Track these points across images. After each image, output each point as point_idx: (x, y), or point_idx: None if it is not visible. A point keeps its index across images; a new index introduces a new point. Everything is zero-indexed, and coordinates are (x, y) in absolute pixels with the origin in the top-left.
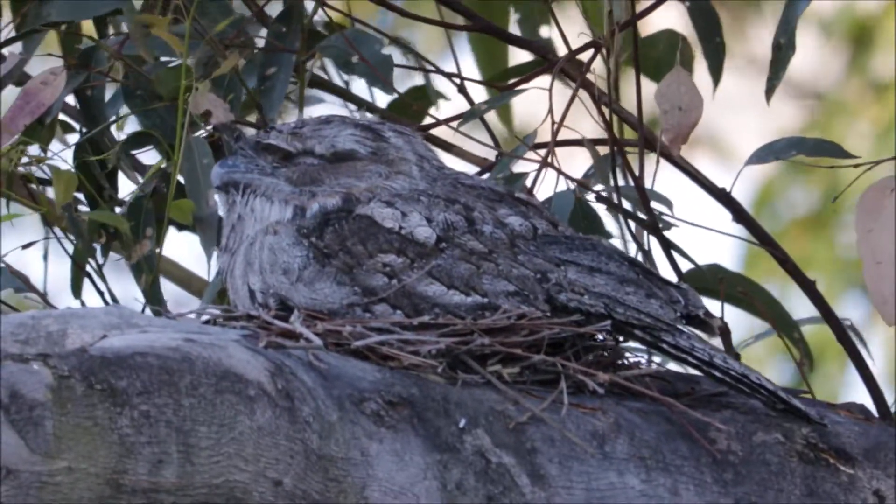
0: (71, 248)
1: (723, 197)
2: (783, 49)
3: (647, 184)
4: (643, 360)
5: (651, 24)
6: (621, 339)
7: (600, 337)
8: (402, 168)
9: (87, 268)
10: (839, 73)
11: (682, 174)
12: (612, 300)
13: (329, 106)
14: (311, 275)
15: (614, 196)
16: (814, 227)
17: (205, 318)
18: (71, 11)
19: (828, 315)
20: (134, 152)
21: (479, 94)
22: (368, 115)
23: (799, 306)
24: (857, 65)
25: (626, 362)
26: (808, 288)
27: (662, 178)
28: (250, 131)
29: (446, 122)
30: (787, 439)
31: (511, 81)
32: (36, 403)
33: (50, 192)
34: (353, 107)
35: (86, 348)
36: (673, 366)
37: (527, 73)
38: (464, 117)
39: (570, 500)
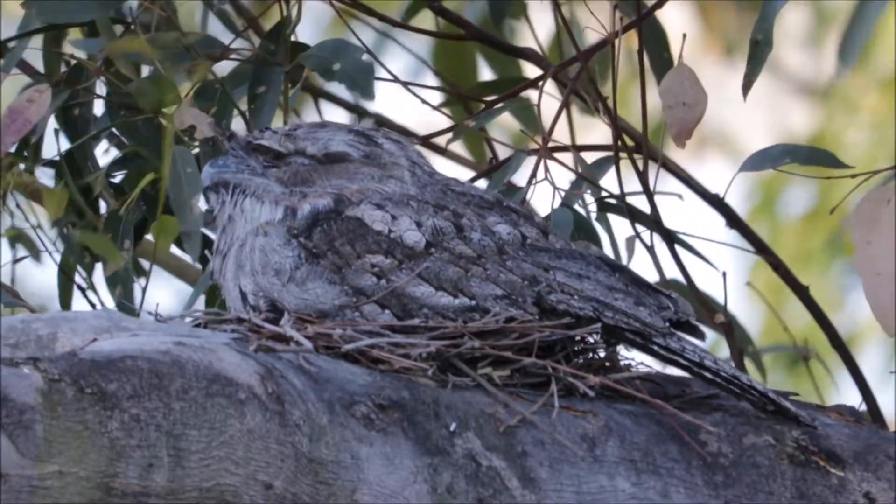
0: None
1: (716, 203)
2: (760, 45)
3: (642, 190)
4: (633, 363)
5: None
6: (612, 341)
7: (591, 339)
8: (395, 172)
9: (79, 279)
10: (844, 67)
11: (677, 180)
12: (601, 304)
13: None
14: (303, 275)
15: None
16: (823, 219)
17: (195, 321)
18: (53, 14)
19: (821, 319)
20: (116, 175)
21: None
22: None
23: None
24: (860, 60)
25: (616, 365)
26: (801, 293)
27: (658, 184)
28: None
29: (434, 136)
30: (778, 442)
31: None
32: (26, 407)
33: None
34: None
35: (76, 352)
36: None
37: (518, 84)
38: (452, 133)
39: (561, 503)
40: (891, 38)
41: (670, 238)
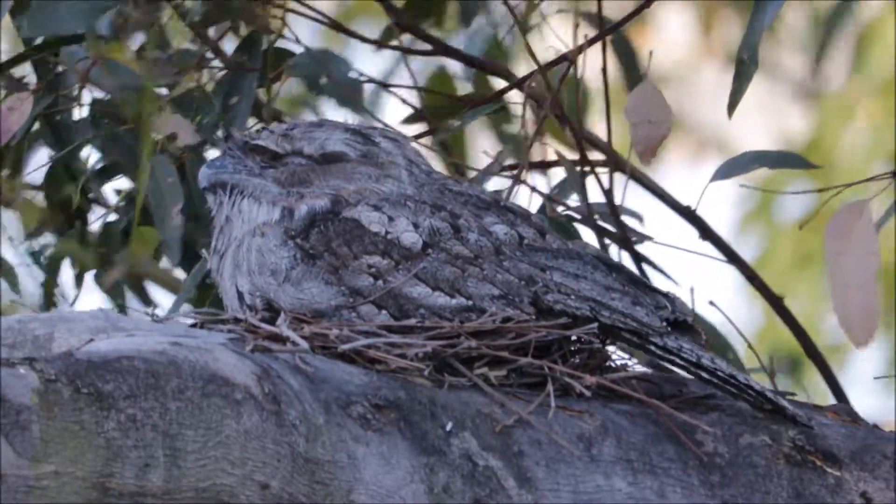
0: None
1: (688, 215)
2: (746, 64)
3: (617, 202)
4: (630, 363)
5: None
6: (608, 341)
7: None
8: (392, 172)
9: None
10: (841, 71)
11: (650, 193)
12: (597, 303)
13: None
14: (299, 275)
15: (582, 213)
16: (820, 222)
17: (191, 321)
18: (42, 26)
19: (796, 330)
20: (103, 185)
21: None
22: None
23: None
24: (858, 64)
25: (613, 365)
26: (776, 304)
27: (633, 196)
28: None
29: (416, 138)
30: (774, 441)
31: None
32: (22, 407)
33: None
34: None
35: (72, 352)
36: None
37: (495, 96)
38: (437, 134)
39: (557, 502)
40: (889, 42)
41: (637, 256)
